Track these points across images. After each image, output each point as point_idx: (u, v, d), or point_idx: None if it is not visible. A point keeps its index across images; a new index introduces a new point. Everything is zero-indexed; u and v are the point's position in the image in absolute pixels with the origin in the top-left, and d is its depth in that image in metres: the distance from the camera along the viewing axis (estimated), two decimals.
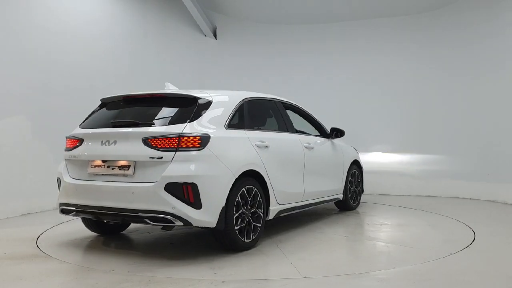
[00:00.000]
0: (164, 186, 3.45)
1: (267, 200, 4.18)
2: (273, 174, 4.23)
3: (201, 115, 3.75)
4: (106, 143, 3.77)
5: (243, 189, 3.84)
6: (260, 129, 4.52)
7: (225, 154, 3.70)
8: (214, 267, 3.39)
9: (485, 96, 7.53)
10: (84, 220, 4.45)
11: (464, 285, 2.98)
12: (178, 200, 3.45)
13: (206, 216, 3.51)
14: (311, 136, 5.34)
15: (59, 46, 6.53)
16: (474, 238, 4.33)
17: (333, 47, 9.14)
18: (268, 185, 4.16)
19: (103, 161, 3.77)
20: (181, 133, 3.55)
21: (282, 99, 5.16)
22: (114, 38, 7.56)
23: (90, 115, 4.33)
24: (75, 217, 4.07)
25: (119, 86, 7.41)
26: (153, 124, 3.73)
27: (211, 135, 3.65)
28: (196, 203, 3.47)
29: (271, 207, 4.22)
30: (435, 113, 8.24)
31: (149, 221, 3.53)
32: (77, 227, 5.07)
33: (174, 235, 4.62)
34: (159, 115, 3.87)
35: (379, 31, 8.82)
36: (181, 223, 3.47)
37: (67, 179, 3.96)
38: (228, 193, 3.64)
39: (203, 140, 3.59)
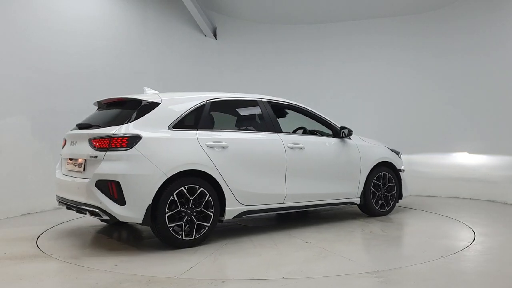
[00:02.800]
0: (95, 182, 3.81)
1: (222, 200, 4.22)
2: (231, 175, 4.25)
3: (140, 117, 4.01)
4: (72, 143, 4.31)
5: (182, 188, 3.94)
6: (221, 129, 4.47)
7: (157, 154, 3.88)
8: (124, 260, 3.61)
9: (486, 95, 7.52)
10: None
11: (464, 285, 2.98)
12: (105, 196, 3.79)
13: (130, 212, 3.78)
14: (306, 136, 5.13)
15: (59, 46, 6.53)
16: (474, 238, 4.33)
17: (333, 47, 9.14)
18: (222, 185, 4.19)
19: (70, 159, 4.29)
20: (112, 134, 3.87)
21: (275, 99, 5.03)
22: (114, 38, 7.56)
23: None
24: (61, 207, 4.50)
25: (119, 86, 7.42)
26: (99, 126, 4.12)
27: (143, 136, 3.88)
28: (120, 200, 3.76)
29: (228, 207, 4.24)
30: (434, 112, 8.24)
31: (88, 214, 3.97)
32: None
33: None
34: (112, 117, 4.23)
35: (379, 31, 8.82)
36: (107, 217, 3.81)
37: (57, 174, 4.53)
38: (156, 191, 3.82)
39: (131, 141, 3.84)
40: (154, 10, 8.41)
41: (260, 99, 4.90)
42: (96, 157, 3.87)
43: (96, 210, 3.83)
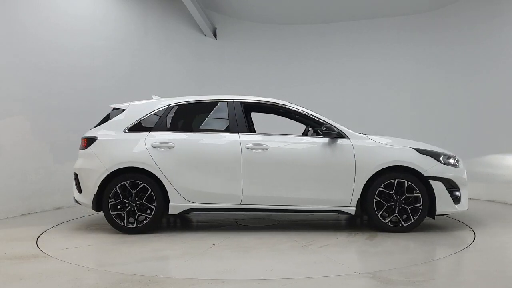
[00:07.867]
0: (73, 174, 4.91)
1: (167, 196, 4.62)
2: (175, 173, 4.60)
3: (106, 122, 4.88)
4: None
5: (125, 182, 4.59)
6: (175, 131, 4.77)
7: (104, 153, 4.67)
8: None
9: (484, 94, 7.51)
10: None
11: (464, 285, 2.98)
12: (75, 185, 4.87)
13: (84, 199, 4.74)
14: (277, 136, 4.70)
15: (59, 47, 6.54)
16: (474, 238, 4.33)
17: (333, 47, 9.15)
18: (164, 182, 4.59)
19: None
20: (83, 136, 4.89)
21: (254, 98, 4.91)
22: (114, 38, 7.56)
23: None
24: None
25: (119, 87, 7.43)
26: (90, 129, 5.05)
27: (98, 138, 4.75)
28: (79, 188, 4.80)
29: (171, 203, 4.62)
30: (433, 111, 8.25)
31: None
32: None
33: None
34: (100, 121, 5.06)
35: (379, 31, 8.83)
36: (76, 202, 4.87)
37: None
38: (99, 183, 4.60)
39: (88, 142, 4.78)
40: (154, 10, 8.42)
41: (231, 100, 4.89)
42: None
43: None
